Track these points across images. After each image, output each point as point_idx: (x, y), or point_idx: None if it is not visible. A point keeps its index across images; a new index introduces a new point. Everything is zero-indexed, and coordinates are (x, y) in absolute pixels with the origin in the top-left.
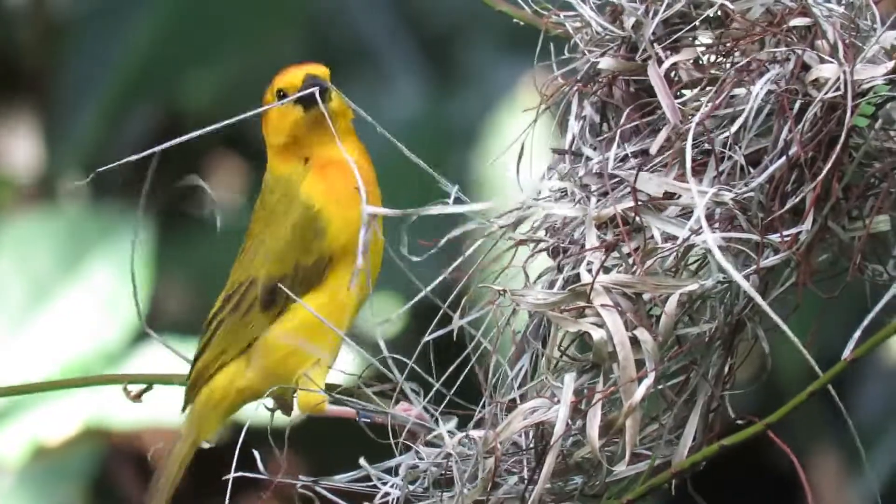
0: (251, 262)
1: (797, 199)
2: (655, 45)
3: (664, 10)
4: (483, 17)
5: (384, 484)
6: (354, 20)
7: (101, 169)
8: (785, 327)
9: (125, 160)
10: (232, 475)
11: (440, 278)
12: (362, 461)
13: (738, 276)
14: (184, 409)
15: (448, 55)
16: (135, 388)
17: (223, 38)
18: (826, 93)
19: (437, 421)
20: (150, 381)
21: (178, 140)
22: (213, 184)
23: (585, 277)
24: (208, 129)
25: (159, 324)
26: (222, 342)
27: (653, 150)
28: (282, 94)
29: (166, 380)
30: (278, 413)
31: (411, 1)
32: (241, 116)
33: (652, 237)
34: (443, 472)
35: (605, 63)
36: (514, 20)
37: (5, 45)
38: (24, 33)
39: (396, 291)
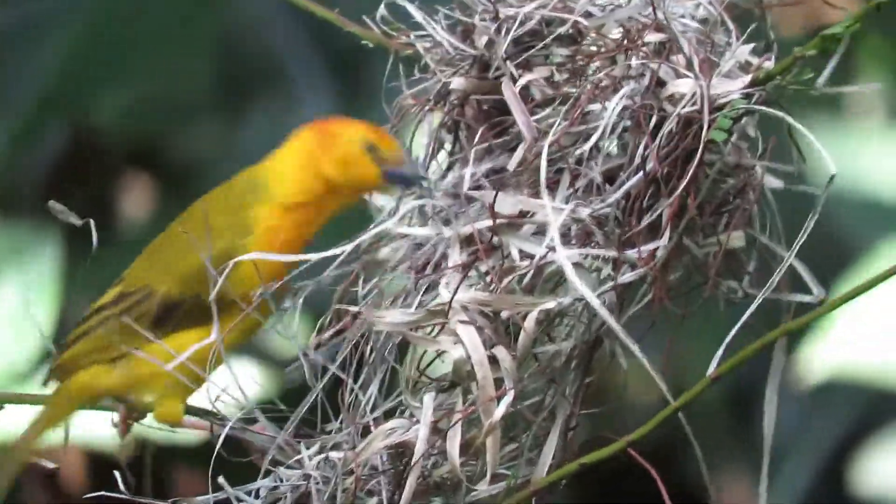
0: (157, 268)
1: (654, 216)
2: (508, 62)
3: (516, 28)
4: None
5: None
6: (264, 39)
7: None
8: (635, 348)
9: None
10: (89, 495)
11: (286, 307)
12: (221, 480)
13: (590, 296)
14: (44, 383)
15: (356, 74)
16: None
17: (135, 56)
18: (683, 107)
19: (297, 444)
20: (1, 401)
21: None
22: (123, 202)
23: (444, 296)
24: None
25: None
26: (104, 339)
27: (511, 167)
28: (371, 147)
29: (18, 399)
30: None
31: (319, 20)
32: None
33: (509, 255)
34: (302, 493)
35: (457, 83)
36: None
37: None
38: None
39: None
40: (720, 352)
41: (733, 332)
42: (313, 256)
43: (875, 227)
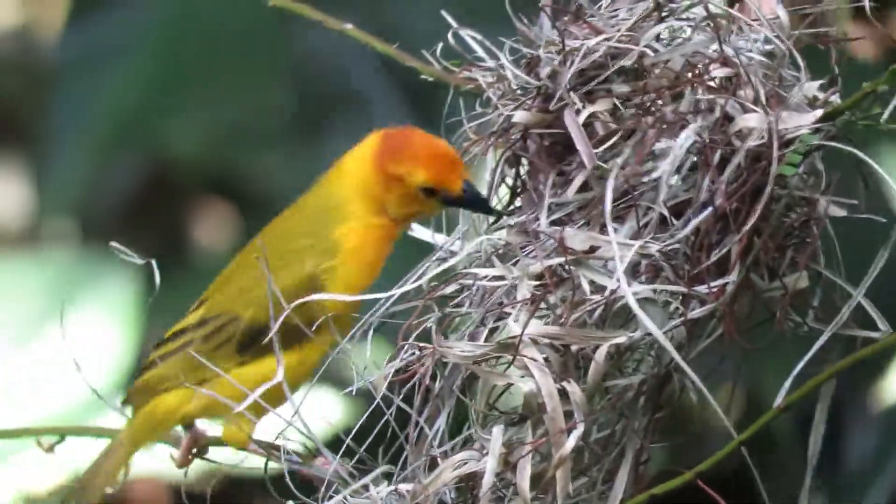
0: (240, 294)
1: (722, 251)
2: (572, 93)
3: (581, 60)
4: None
5: None
6: (338, 67)
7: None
8: (700, 384)
9: None
10: None
11: (344, 340)
12: None
13: (658, 334)
14: (123, 403)
15: (432, 100)
16: (48, 441)
17: (209, 84)
18: (751, 142)
19: (356, 475)
20: (63, 433)
21: None
22: (200, 231)
23: (513, 329)
24: None
25: None
26: (185, 364)
27: (569, 195)
28: (430, 190)
29: (80, 432)
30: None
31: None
32: None
33: (580, 287)
34: None
35: (520, 116)
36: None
37: None
38: (10, 81)
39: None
40: (787, 383)
41: (800, 364)
42: (381, 296)
43: None
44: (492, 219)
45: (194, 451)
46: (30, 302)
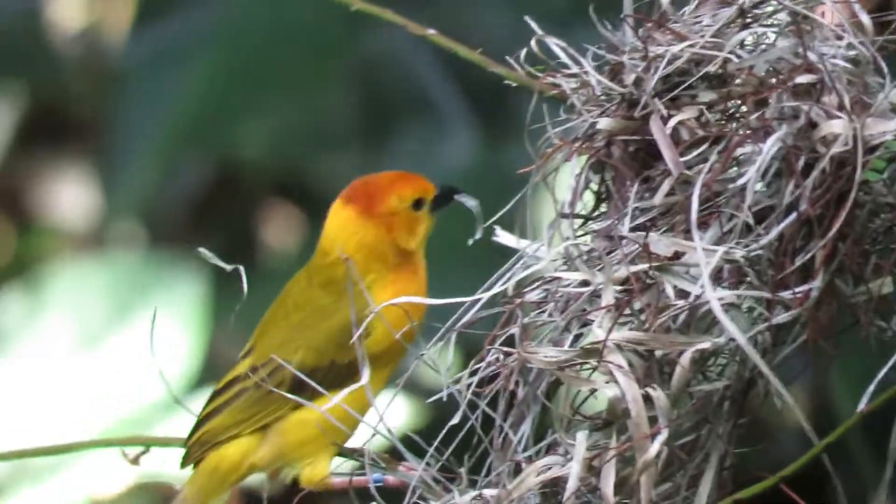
0: (286, 340)
1: (806, 257)
2: (657, 99)
3: (665, 66)
4: None
5: None
6: (405, 68)
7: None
8: (783, 391)
9: None
10: None
11: (428, 348)
12: None
13: (742, 340)
14: (183, 464)
15: (499, 103)
16: (132, 452)
17: (276, 86)
18: (836, 149)
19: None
20: (148, 444)
21: None
22: (267, 232)
23: (598, 335)
24: None
25: (217, 373)
26: (241, 413)
27: (656, 201)
28: (418, 202)
29: (165, 442)
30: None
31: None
32: None
33: (664, 291)
34: None
35: (604, 123)
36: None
37: (58, 95)
38: (77, 83)
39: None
40: (871, 388)
41: (885, 368)
42: (466, 300)
43: None
44: (577, 223)
45: None
46: (96, 305)
